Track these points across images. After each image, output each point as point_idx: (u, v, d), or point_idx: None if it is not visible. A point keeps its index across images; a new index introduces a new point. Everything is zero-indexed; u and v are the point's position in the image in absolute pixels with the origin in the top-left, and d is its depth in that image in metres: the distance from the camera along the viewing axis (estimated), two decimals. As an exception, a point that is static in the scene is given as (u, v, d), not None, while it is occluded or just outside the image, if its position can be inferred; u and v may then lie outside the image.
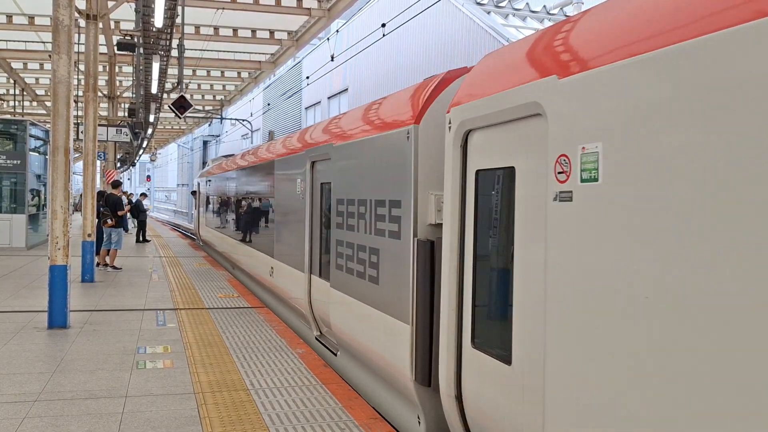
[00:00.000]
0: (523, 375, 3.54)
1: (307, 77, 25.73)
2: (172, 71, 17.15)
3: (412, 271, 4.87)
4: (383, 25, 13.53)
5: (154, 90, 16.14)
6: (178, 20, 12.37)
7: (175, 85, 16.50)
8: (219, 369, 6.43)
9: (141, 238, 22.36)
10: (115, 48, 15.74)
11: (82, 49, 13.54)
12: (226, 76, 25.09)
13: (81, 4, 12.45)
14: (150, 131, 25.29)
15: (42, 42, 18.96)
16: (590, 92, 2.98)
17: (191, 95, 27.42)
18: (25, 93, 25.58)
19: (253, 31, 18.18)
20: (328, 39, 23.50)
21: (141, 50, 13.70)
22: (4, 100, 29.10)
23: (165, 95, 18.19)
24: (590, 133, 2.97)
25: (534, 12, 19.50)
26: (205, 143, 59.82)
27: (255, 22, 17.18)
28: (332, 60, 17.36)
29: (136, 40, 13.27)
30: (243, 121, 35.38)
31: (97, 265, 13.91)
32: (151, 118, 20.91)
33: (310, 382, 6.05)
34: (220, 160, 20.29)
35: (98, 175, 18.44)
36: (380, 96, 7.32)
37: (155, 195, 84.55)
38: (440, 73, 5.24)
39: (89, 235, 12.28)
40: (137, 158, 43.63)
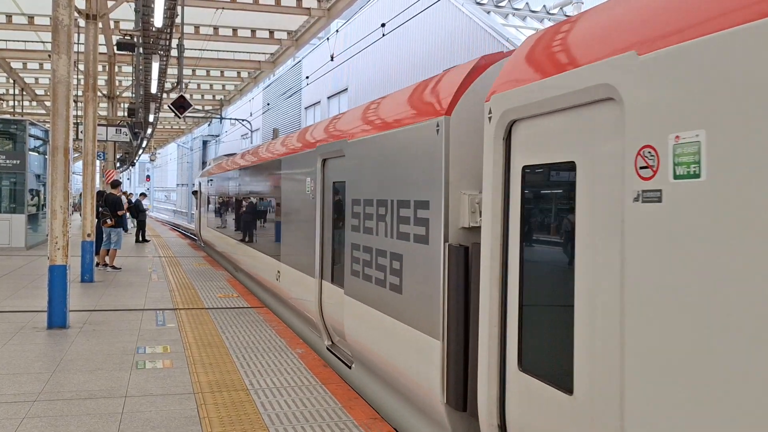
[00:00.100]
0: (590, 407, 3.03)
1: (307, 77, 25.74)
2: (172, 71, 17.16)
3: (443, 280, 4.41)
4: (383, 25, 13.54)
5: (153, 90, 16.15)
6: (178, 20, 12.38)
7: (175, 84, 16.50)
8: (218, 369, 6.43)
9: (140, 238, 22.35)
10: (115, 48, 15.75)
11: (81, 48, 13.54)
12: (225, 76, 25.11)
13: (81, 3, 12.44)
14: (149, 131, 25.32)
15: (41, 42, 18.96)
16: (686, 68, 2.46)
17: (191, 95, 27.43)
18: (24, 93, 25.60)
19: (253, 31, 18.19)
20: (327, 39, 23.52)
21: (140, 50, 13.71)
22: (3, 100, 29.10)
23: (164, 95, 18.19)
24: (687, 119, 2.44)
25: (534, 12, 19.49)
26: (204, 143, 59.87)
27: (255, 21, 17.18)
28: (332, 60, 17.36)
29: (135, 39, 13.28)
30: (243, 121, 35.38)
31: (97, 265, 13.90)
32: (151, 118, 20.93)
33: (309, 382, 6.04)
34: (222, 159, 19.67)
35: (98, 175, 18.46)
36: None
37: (155, 195, 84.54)
38: (471, 60, 4.81)
39: (89, 235, 12.28)
40: (137, 158, 43.67)
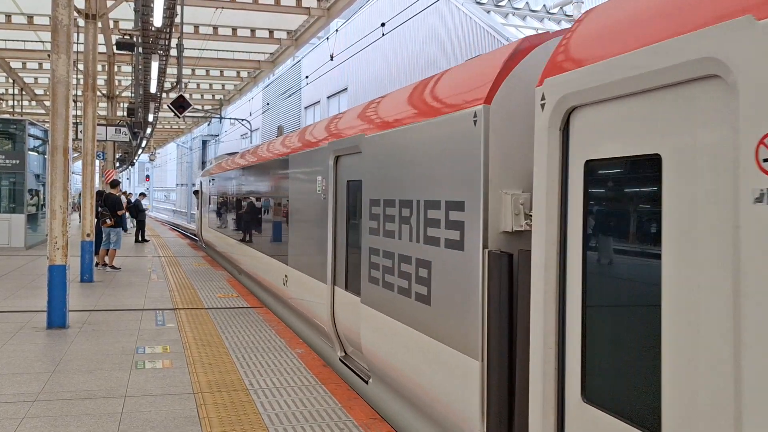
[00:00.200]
0: None
1: (307, 77, 25.74)
2: (171, 71, 17.16)
3: (482, 292, 3.94)
4: (383, 25, 13.54)
5: (153, 89, 16.14)
6: (177, 20, 12.37)
7: (174, 84, 16.49)
8: (218, 369, 6.42)
9: (140, 238, 22.34)
10: (114, 47, 15.72)
11: (81, 48, 13.55)
12: (225, 76, 25.10)
13: (80, 3, 12.43)
14: (149, 131, 25.34)
15: (41, 41, 18.95)
16: None
17: (190, 95, 27.43)
18: (24, 92, 25.58)
19: (253, 31, 18.18)
20: (327, 38, 23.52)
21: (140, 50, 13.71)
22: (3, 100, 29.10)
23: (164, 95, 18.19)
24: None
25: (534, 11, 19.48)
26: (204, 143, 59.90)
27: (254, 21, 17.17)
28: (332, 59, 17.36)
29: (135, 39, 13.28)
30: (242, 120, 35.38)
31: (96, 264, 13.89)
32: (150, 118, 20.94)
33: (309, 382, 6.04)
34: (225, 158, 19.21)
35: (97, 175, 18.47)
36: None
37: (154, 195, 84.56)
38: (512, 42, 4.34)
39: (88, 235, 12.27)
40: (136, 158, 43.69)
